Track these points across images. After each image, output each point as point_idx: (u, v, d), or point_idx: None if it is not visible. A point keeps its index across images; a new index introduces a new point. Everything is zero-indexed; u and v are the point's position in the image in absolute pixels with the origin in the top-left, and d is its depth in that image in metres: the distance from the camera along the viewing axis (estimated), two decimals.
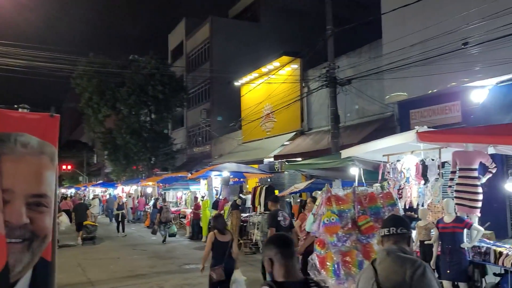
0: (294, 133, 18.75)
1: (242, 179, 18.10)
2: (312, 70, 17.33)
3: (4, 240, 2.61)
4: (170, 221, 16.38)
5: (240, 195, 16.12)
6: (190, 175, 18.44)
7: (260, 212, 13.34)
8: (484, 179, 6.71)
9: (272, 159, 18.55)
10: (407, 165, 7.48)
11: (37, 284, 2.85)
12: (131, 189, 29.13)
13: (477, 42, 9.54)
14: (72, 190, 42.89)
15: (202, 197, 17.95)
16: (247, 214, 14.51)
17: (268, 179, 18.32)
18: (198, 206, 16.64)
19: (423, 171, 7.17)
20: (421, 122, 11.65)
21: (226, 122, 25.24)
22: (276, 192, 14.98)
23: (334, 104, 13.21)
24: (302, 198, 14.16)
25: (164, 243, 15.51)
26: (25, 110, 3.16)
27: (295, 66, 18.68)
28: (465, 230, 6.22)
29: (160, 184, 23.53)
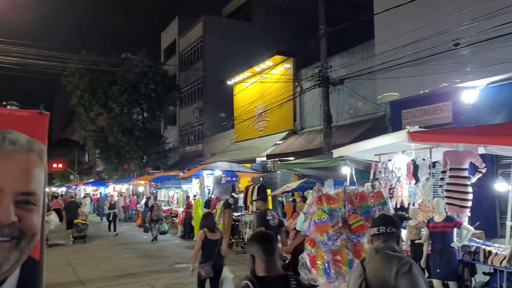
0: (287, 132, 18.77)
1: (234, 178, 18.09)
2: (305, 70, 17.35)
3: None
4: (161, 219, 16.36)
5: (232, 194, 16.11)
6: (182, 174, 18.41)
7: (252, 211, 13.34)
8: (474, 179, 6.76)
9: (264, 158, 18.56)
10: (398, 164, 7.52)
11: (25, 283, 2.81)
12: (123, 188, 28.98)
13: (468, 43, 9.61)
14: (63, 189, 42.55)
15: (194, 196, 17.91)
16: (239, 213, 14.50)
17: (260, 178, 18.33)
18: (190, 205, 16.60)
19: (414, 171, 7.22)
20: (412, 122, 11.73)
21: (218, 121, 25.21)
22: (268, 191, 14.99)
23: (327, 103, 13.24)
24: (294, 198, 14.17)
25: (155, 242, 15.47)
26: (14, 107, 3.13)
27: (288, 65, 18.69)
28: (455, 230, 6.27)
29: (152, 183, 23.44)
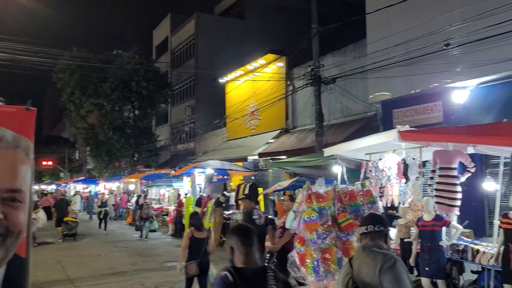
0: (279, 131, 18.78)
1: (226, 177, 18.06)
2: (297, 68, 17.37)
3: None
4: (151, 217, 16.32)
5: (224, 193, 16.08)
6: (173, 172, 18.32)
7: (243, 209, 13.32)
8: (463, 178, 6.82)
9: (256, 157, 18.55)
10: (389, 163, 7.56)
11: (11, 281, 2.78)
12: (113, 186, 28.81)
13: (459, 44, 9.68)
14: (52, 187, 42.19)
15: (186, 194, 17.86)
16: (231, 212, 14.49)
17: (252, 177, 18.33)
18: (181, 203, 16.55)
19: (404, 170, 7.26)
20: (403, 121, 11.79)
21: (210, 119, 25.16)
22: (260, 189, 15.00)
23: (319, 102, 13.26)
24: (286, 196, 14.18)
25: (145, 240, 15.43)
26: (0, 103, 3.08)
27: (281, 64, 18.70)
28: (444, 228, 6.31)
29: (143, 181, 23.33)
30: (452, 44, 9.75)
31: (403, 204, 7.51)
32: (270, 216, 13.74)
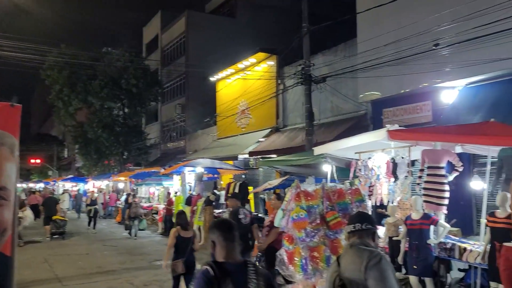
0: (269, 129, 18.79)
1: (216, 175, 18.02)
2: (288, 67, 17.38)
3: None
4: (139, 216, 16.25)
5: (214, 191, 16.05)
6: (163, 171, 18.23)
7: None
8: (451, 177, 6.88)
9: (247, 156, 18.54)
10: (378, 162, 7.60)
11: None
12: (102, 184, 28.58)
13: (448, 44, 9.75)
14: (41, 185, 41.73)
15: (175, 193, 17.79)
16: (221, 210, 14.45)
17: (242, 176, 18.31)
18: (170, 202, 16.48)
19: (393, 169, 7.30)
20: (393, 120, 11.86)
21: (201, 117, 25.08)
22: (250, 188, 14.99)
23: (309, 101, 13.29)
24: None
25: (134, 238, 15.35)
26: None
27: (271, 62, 18.70)
28: (431, 227, 6.36)
29: (132, 179, 23.17)
30: (441, 44, 9.83)
31: (392, 202, 7.55)
32: (260, 214, 13.81)
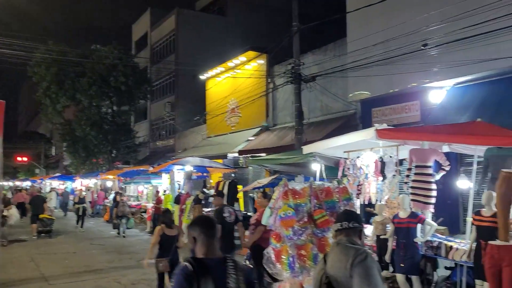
0: (259, 128, 18.77)
1: (205, 174, 17.96)
2: (278, 66, 17.39)
3: None
4: (126, 215, 16.18)
5: (203, 190, 15.99)
6: (152, 169, 18.13)
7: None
8: (438, 176, 6.93)
9: (236, 154, 18.51)
10: (367, 161, 7.63)
11: None
12: (90, 182, 28.34)
13: (436, 44, 9.84)
14: (27, 183, 41.22)
15: (164, 191, 17.70)
16: (210, 209, 14.40)
17: (232, 174, 18.27)
18: (159, 201, 16.41)
19: (382, 168, 7.34)
20: (382, 120, 11.93)
21: (190, 116, 24.98)
22: (239, 187, 14.97)
23: (299, 100, 13.30)
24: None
25: (122, 237, 15.27)
26: None
27: (261, 61, 18.68)
28: (419, 225, 6.42)
29: (120, 177, 23.00)
30: (429, 44, 9.91)
31: (380, 201, 7.59)
32: (249, 213, 13.80)
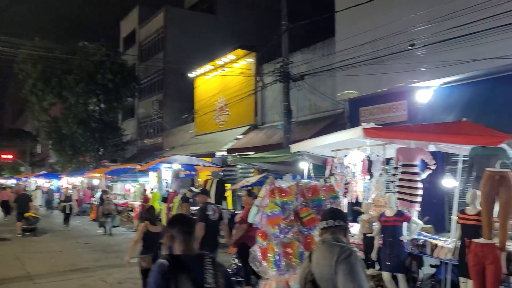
0: (248, 127, 18.76)
1: (193, 172, 17.88)
2: (267, 65, 17.37)
3: None
4: (111, 213, 16.09)
5: (191, 188, 15.92)
6: (139, 167, 17.99)
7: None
8: (424, 175, 7.00)
9: (225, 153, 18.47)
10: (354, 160, 7.67)
11: None
12: (77, 180, 28.05)
13: (423, 44, 9.92)
14: (12, 181, 40.64)
15: (152, 189, 17.59)
16: (197, 207, 14.33)
17: (220, 173, 18.23)
18: (146, 199, 16.30)
19: (369, 167, 7.38)
20: (369, 119, 11.99)
21: (178, 114, 24.86)
22: (228, 185, 14.95)
23: (287, 99, 13.31)
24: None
25: (109, 235, 15.17)
26: None
27: (250, 60, 18.66)
28: (405, 224, 6.47)
29: (107, 176, 22.80)
30: (417, 44, 9.98)
31: (367, 200, 7.64)
32: (237, 212, 13.78)
